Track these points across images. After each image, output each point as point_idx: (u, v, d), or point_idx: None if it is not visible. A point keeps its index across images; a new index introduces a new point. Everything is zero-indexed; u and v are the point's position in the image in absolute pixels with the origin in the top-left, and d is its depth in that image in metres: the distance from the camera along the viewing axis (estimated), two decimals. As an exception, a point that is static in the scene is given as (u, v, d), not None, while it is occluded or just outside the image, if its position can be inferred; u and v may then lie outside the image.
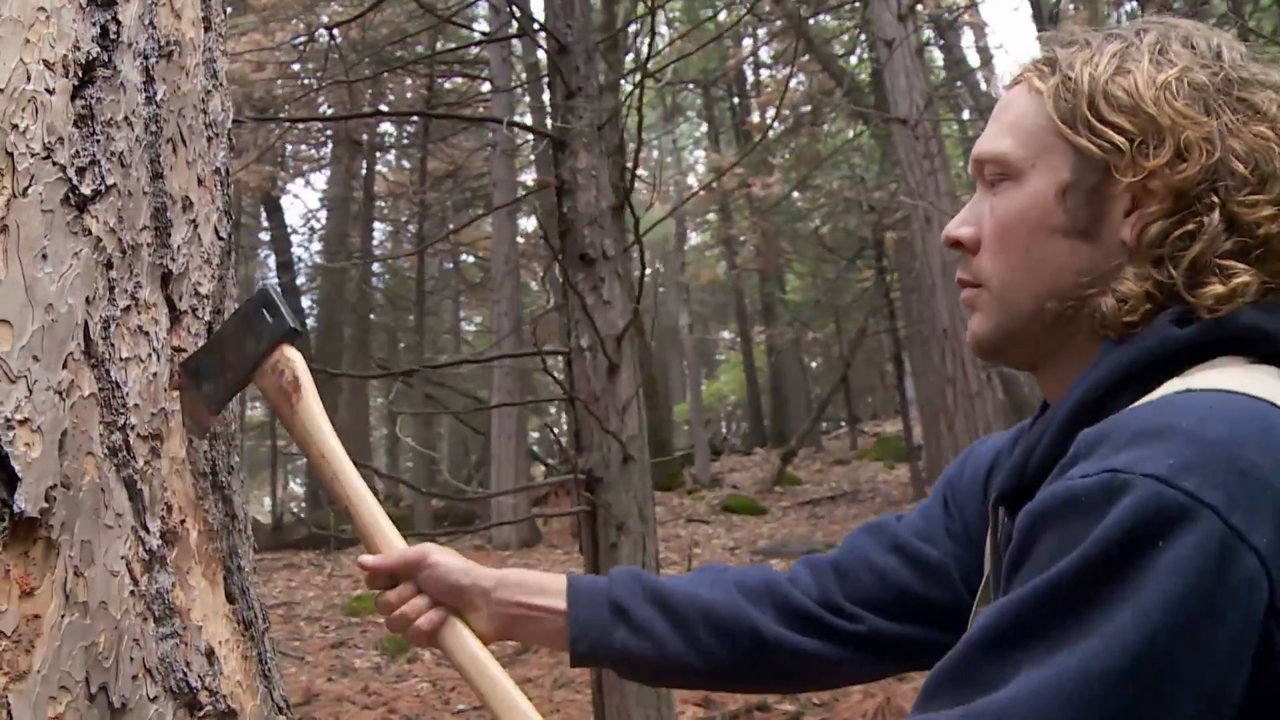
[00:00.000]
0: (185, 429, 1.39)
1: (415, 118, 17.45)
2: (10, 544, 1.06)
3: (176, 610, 1.26)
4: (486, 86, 16.46)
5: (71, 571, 1.12)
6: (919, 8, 11.34)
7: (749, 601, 1.39)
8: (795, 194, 20.21)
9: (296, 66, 15.20)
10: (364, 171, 22.84)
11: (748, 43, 21.03)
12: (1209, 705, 0.80)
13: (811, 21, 17.45)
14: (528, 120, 13.89)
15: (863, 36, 14.24)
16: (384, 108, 19.59)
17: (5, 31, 1.17)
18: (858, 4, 13.67)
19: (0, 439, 1.06)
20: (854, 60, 17.31)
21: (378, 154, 23.70)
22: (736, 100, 25.46)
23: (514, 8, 4.30)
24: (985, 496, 1.29)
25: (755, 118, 20.76)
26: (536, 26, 4.46)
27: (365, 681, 7.60)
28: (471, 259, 24.58)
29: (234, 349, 1.41)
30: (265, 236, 25.04)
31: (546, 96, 6.22)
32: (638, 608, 1.38)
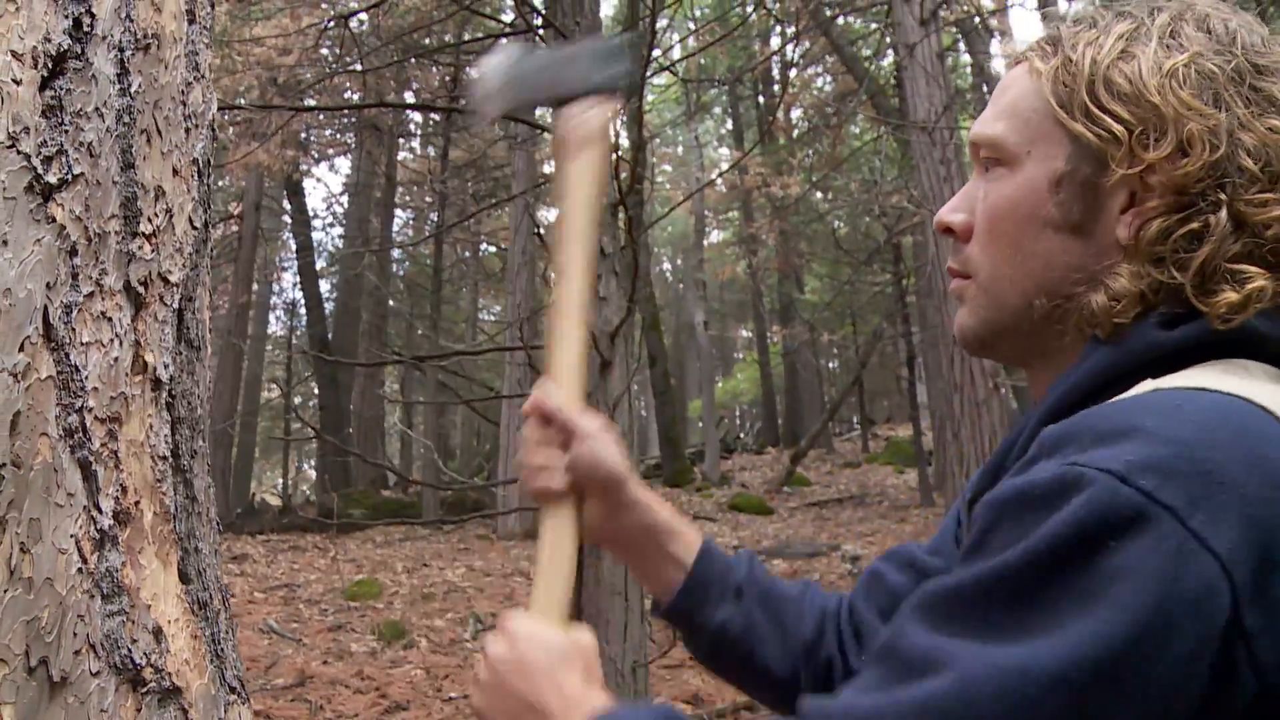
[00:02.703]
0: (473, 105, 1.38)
1: (435, 104, 17.49)
2: (-44, 519, 1.10)
3: (125, 588, 1.30)
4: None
5: (17, 548, 1.15)
6: (942, 12, 11.31)
7: (832, 631, 1.32)
8: (818, 194, 20.21)
9: (325, 51, 15.27)
10: (386, 158, 22.93)
11: (774, 41, 21.01)
12: (1153, 716, 0.74)
13: (839, 22, 17.44)
14: (547, 111, 13.88)
15: (888, 39, 14.21)
16: (409, 97, 19.65)
17: (-27, 23, 1.21)
18: (882, 6, 13.64)
19: (-50, 418, 1.10)
20: (884, 63, 17.28)
21: (400, 141, 23.80)
22: (761, 99, 25.46)
23: (521, 3, 4.31)
24: None
25: (780, 115, 20.77)
26: (542, 22, 4.48)
27: (360, 666, 7.65)
28: (493, 249, 24.67)
29: (568, 70, 1.37)
30: (287, 220, 25.17)
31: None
32: (756, 598, 1.31)
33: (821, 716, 0.85)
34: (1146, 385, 0.89)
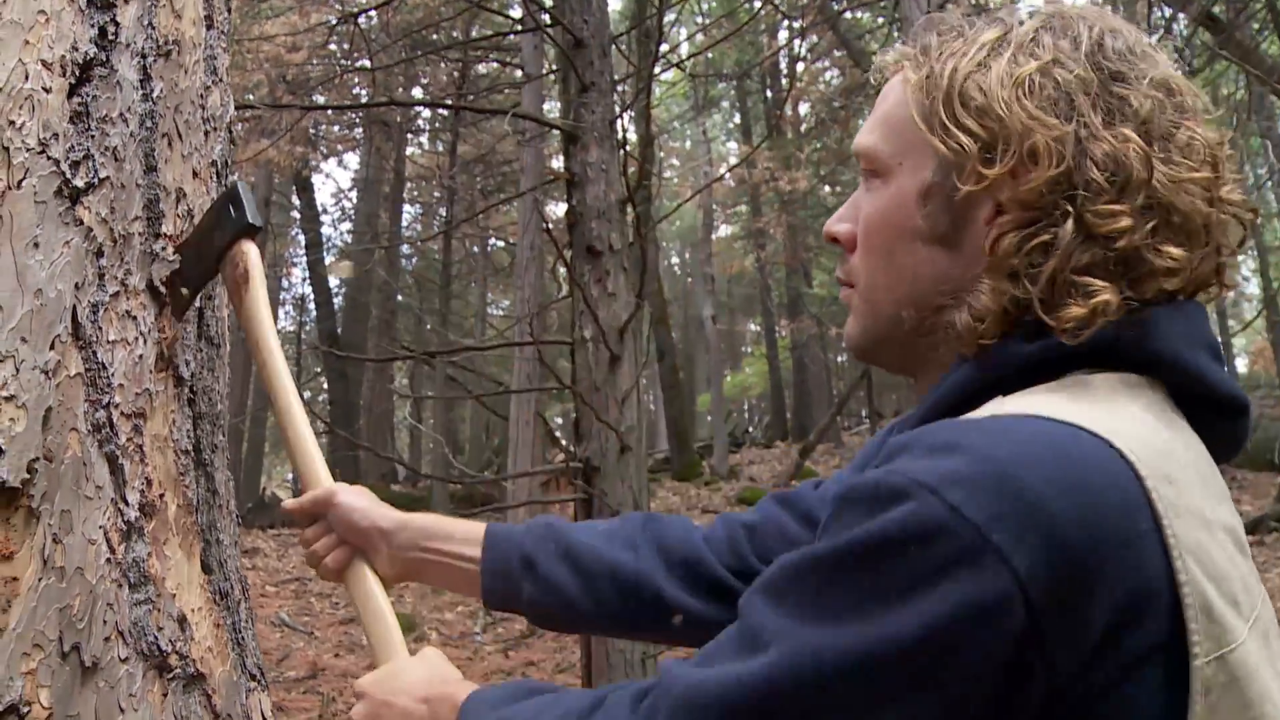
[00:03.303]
0: (169, 315, 1.50)
1: (446, 102, 17.54)
2: (-8, 511, 1.15)
3: (151, 578, 1.35)
4: (520, 73, 16.54)
5: (50, 539, 1.20)
6: (950, 7, 11.31)
7: (662, 564, 1.40)
8: (826, 188, 20.23)
9: (333, 47, 15.33)
10: (395, 153, 22.99)
11: (782, 35, 21.01)
12: (940, 714, 0.80)
13: (847, 16, 17.43)
14: (555, 107, 13.96)
15: (895, 33, 14.21)
16: (417, 93, 19.70)
17: (5, 33, 1.26)
18: (890, 0, 13.64)
19: (-14, 414, 1.14)
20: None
21: (409, 136, 23.85)
22: (769, 94, 25.46)
23: (530, 1, 4.36)
24: None
25: (788, 110, 20.79)
26: (549, 21, 4.52)
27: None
28: (501, 244, 24.71)
29: (206, 241, 1.52)
30: (296, 215, 25.25)
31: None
32: (547, 562, 1.40)
33: (669, 680, 0.92)
34: (992, 405, 0.92)
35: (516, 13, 11.41)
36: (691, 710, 0.88)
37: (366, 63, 10.27)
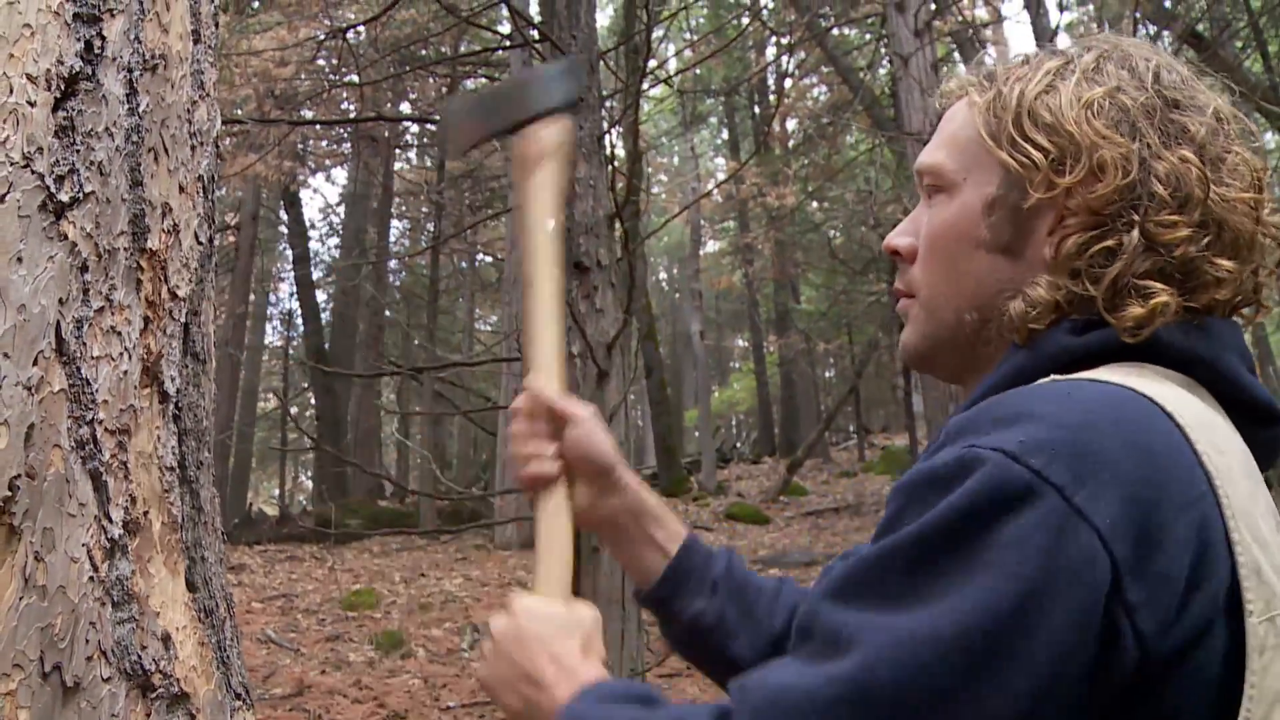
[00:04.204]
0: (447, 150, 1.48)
1: (434, 117, 17.55)
2: (-27, 529, 1.14)
3: (135, 596, 1.33)
4: (507, 88, 16.53)
5: (32, 557, 1.19)
6: (937, 23, 11.38)
7: None
8: (814, 204, 20.28)
9: (321, 61, 15.33)
10: (383, 168, 22.99)
11: (770, 51, 21.09)
12: (1042, 681, 0.80)
13: (835, 33, 17.52)
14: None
15: (883, 50, 14.27)
16: (405, 108, 19.71)
17: (-10, 47, 1.25)
18: (878, 17, 13.72)
19: (-33, 430, 1.13)
20: (879, 74, 17.37)
21: (397, 151, 23.86)
22: (757, 109, 25.56)
23: (517, 17, 4.36)
24: None
25: (775, 126, 20.85)
26: (538, 36, 4.52)
27: (358, 676, 7.66)
28: (489, 259, 24.72)
29: (523, 95, 1.45)
30: (284, 230, 25.22)
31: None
32: (729, 592, 1.37)
33: (744, 692, 0.91)
34: (1048, 379, 0.97)
35: (505, 28, 11.44)
36: (780, 713, 0.86)
37: (355, 78, 10.28)
